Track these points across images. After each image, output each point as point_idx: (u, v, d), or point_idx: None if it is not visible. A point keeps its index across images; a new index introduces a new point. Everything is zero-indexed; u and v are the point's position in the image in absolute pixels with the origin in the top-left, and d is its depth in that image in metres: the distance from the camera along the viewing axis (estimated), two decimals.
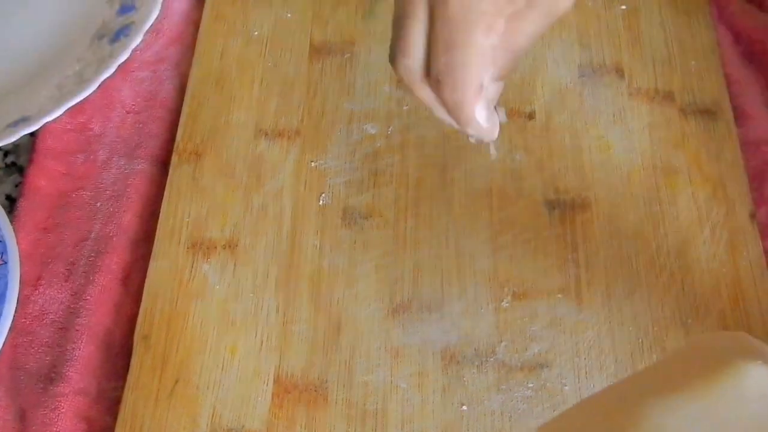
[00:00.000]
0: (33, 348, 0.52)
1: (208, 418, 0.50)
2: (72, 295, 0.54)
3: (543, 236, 0.56)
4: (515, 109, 0.61)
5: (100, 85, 0.58)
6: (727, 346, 0.33)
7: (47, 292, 0.54)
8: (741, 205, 0.57)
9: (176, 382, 0.51)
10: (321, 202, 0.57)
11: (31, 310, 0.53)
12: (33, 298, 0.54)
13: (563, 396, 0.50)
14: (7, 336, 0.51)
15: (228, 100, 0.62)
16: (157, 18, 0.62)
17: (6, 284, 0.52)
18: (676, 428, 0.31)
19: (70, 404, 0.50)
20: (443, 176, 0.58)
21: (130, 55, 0.60)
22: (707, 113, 0.61)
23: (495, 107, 0.45)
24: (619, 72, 0.62)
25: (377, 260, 0.55)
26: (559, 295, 0.53)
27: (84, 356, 0.52)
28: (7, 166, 0.60)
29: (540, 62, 0.63)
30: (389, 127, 0.60)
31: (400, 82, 0.45)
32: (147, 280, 0.54)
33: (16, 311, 0.52)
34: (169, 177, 0.58)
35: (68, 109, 0.57)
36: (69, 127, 0.60)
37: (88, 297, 0.54)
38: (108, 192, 0.58)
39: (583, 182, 0.58)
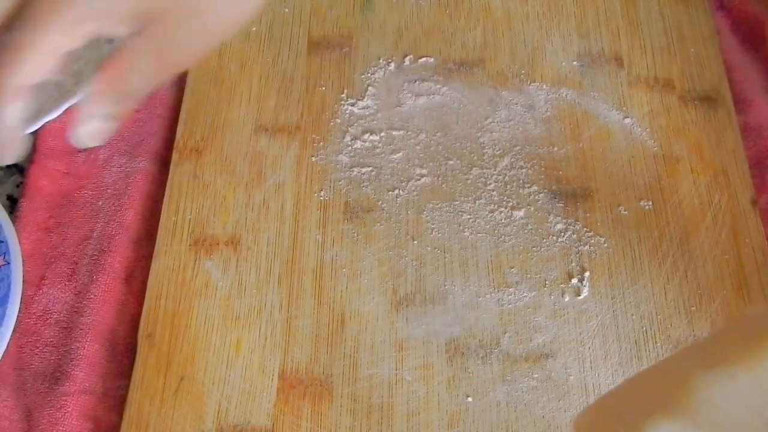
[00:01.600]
0: (38, 348, 0.52)
1: (213, 414, 0.50)
2: (75, 294, 0.54)
3: (545, 226, 0.56)
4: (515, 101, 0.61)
5: None
6: None
7: (51, 291, 0.54)
8: (742, 191, 0.57)
9: (181, 379, 0.51)
10: (322, 196, 0.57)
11: (35, 310, 0.53)
12: (36, 298, 0.54)
13: (568, 386, 0.50)
14: (12, 336, 0.51)
15: (227, 97, 0.62)
16: None
17: (9, 285, 0.52)
18: (725, 399, 0.31)
19: (76, 403, 0.50)
20: (443, 168, 0.58)
21: None
22: (707, 100, 0.60)
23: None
24: (619, 61, 0.62)
25: (380, 254, 0.55)
26: (563, 285, 0.53)
27: (89, 355, 0.52)
28: (8, 166, 0.60)
29: (539, 52, 0.63)
30: (389, 120, 0.60)
31: None
32: (150, 279, 0.54)
33: (20, 311, 0.52)
34: (170, 175, 0.58)
35: (68, 108, 0.57)
36: (69, 126, 0.60)
37: (92, 296, 0.54)
38: (109, 191, 0.58)
39: (584, 171, 0.58)
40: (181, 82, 0.63)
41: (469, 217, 0.56)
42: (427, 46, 0.63)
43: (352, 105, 0.61)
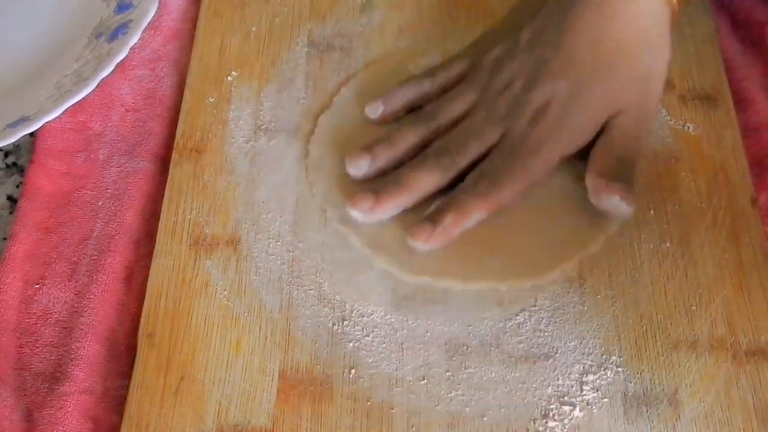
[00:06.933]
0: (38, 348, 0.52)
1: (214, 414, 0.50)
2: (75, 294, 0.54)
3: None
4: None
5: (99, 84, 0.58)
6: None
7: (51, 291, 0.54)
8: (742, 191, 0.57)
9: (181, 379, 0.51)
10: None
11: (35, 310, 0.53)
12: (36, 298, 0.54)
13: (568, 386, 0.50)
14: (12, 336, 0.51)
15: (227, 97, 0.62)
16: (154, 15, 0.62)
17: None
18: None
19: (76, 403, 0.50)
20: None
21: (129, 53, 0.60)
22: (707, 99, 0.60)
23: None
24: None
25: None
26: (563, 285, 0.53)
27: (89, 355, 0.52)
28: (7, 166, 0.60)
29: None
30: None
31: None
32: (150, 278, 0.54)
33: (20, 311, 0.52)
34: (169, 174, 0.58)
35: (68, 108, 0.57)
36: (69, 126, 0.60)
37: (92, 296, 0.54)
38: (109, 191, 0.58)
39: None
40: (181, 82, 0.63)
41: None
42: (427, 46, 0.63)
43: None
